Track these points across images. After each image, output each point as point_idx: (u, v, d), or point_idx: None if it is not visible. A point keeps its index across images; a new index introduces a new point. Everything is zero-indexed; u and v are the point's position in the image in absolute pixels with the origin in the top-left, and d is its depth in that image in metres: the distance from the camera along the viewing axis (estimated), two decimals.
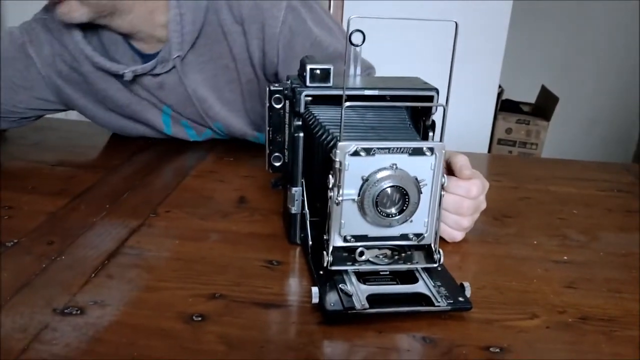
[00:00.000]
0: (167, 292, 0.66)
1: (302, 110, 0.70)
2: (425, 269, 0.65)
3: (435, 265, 0.64)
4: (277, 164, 0.75)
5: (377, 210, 0.60)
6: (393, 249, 0.65)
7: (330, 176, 0.59)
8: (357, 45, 0.70)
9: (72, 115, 2.28)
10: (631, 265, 0.77)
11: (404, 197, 0.59)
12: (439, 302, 0.60)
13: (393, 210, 0.60)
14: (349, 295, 0.59)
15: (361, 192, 0.59)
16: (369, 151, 0.58)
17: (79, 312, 0.61)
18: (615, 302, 0.68)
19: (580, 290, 0.71)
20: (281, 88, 0.71)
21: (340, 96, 0.58)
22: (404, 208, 0.60)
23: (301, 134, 0.71)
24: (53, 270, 0.69)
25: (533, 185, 1.04)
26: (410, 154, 0.59)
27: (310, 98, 0.71)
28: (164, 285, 0.68)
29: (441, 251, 0.64)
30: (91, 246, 0.76)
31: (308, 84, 0.69)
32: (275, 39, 0.97)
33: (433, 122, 0.70)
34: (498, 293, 0.68)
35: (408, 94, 0.71)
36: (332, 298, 0.59)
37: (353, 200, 0.60)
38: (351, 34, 0.71)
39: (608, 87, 2.48)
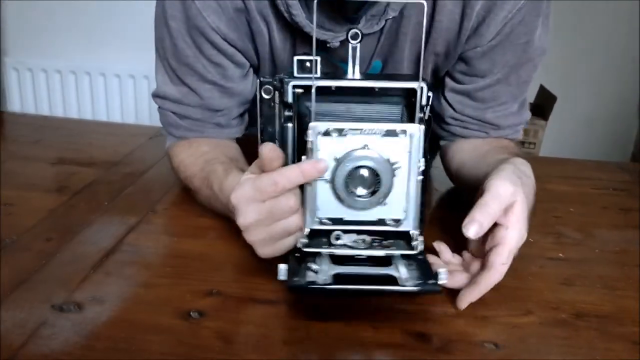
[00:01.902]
0: (164, 289, 0.67)
1: (290, 100, 0.70)
2: (404, 257, 0.61)
3: (414, 252, 0.61)
4: None
5: (348, 192, 0.59)
6: (373, 236, 0.63)
7: (304, 157, 0.59)
8: (354, 44, 0.71)
9: (72, 112, 2.30)
10: (626, 262, 0.78)
11: (375, 179, 0.59)
12: (407, 282, 0.57)
13: (364, 191, 0.59)
14: (315, 273, 0.58)
15: (333, 172, 0.59)
16: (340, 131, 0.58)
17: (77, 308, 0.62)
18: (609, 299, 0.69)
19: (575, 287, 0.71)
20: (270, 79, 0.72)
21: (329, 87, 0.61)
22: (376, 189, 0.59)
23: (290, 125, 0.71)
24: (52, 266, 0.70)
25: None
26: (383, 135, 0.59)
27: (302, 90, 0.71)
28: (161, 281, 0.68)
29: (420, 238, 0.61)
30: (90, 243, 0.76)
31: (295, 74, 0.70)
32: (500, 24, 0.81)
33: (429, 117, 0.70)
34: (493, 290, 0.68)
35: (394, 87, 0.71)
36: (297, 274, 0.58)
37: (326, 181, 0.59)
38: (349, 31, 0.71)
39: (606, 87, 2.48)
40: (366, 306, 0.64)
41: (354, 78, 0.71)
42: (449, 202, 0.97)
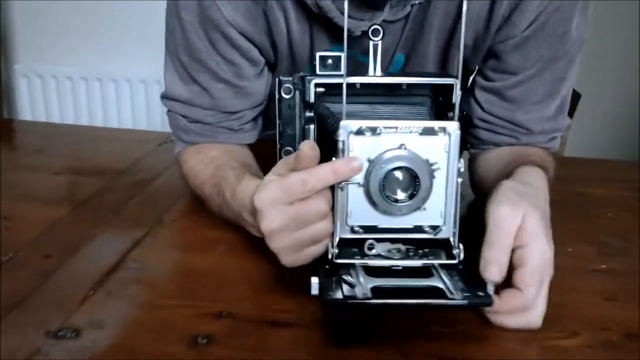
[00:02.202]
0: (170, 311, 0.61)
1: (311, 100, 0.65)
2: (443, 266, 0.57)
3: (454, 261, 0.57)
4: None
5: (385, 196, 0.54)
6: (408, 245, 0.59)
7: (334, 159, 0.55)
8: (375, 41, 0.65)
9: (83, 120, 2.26)
10: None
11: (414, 181, 0.54)
12: (454, 295, 0.53)
13: (402, 195, 0.55)
14: (352, 286, 0.53)
15: (367, 175, 0.54)
16: (374, 130, 0.54)
17: (74, 334, 0.56)
18: None
19: (622, 302, 0.65)
20: (290, 78, 0.67)
21: (353, 85, 0.58)
22: (415, 193, 0.54)
23: (312, 126, 0.66)
24: (48, 287, 0.64)
25: (559, 186, 0.97)
26: (420, 134, 0.54)
27: (322, 89, 0.65)
28: (166, 303, 0.62)
29: (461, 247, 0.57)
30: (91, 259, 0.70)
31: (318, 72, 0.64)
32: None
33: (464, 113, 0.64)
34: None
35: (425, 82, 0.65)
36: (332, 288, 0.53)
37: (359, 184, 0.55)
38: (370, 28, 0.66)
39: (630, 84, 2.40)
40: (393, 329, 0.58)
41: (379, 75, 0.66)
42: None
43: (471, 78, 0.86)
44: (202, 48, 0.78)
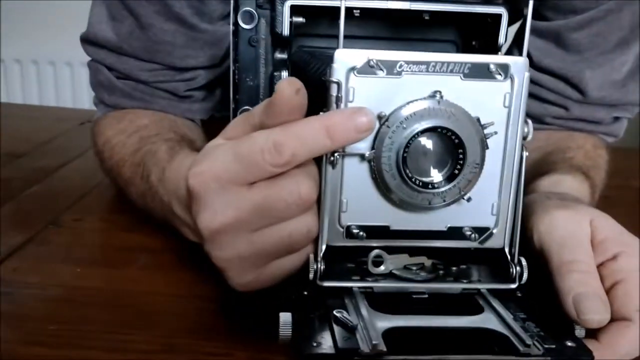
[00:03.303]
0: None
1: (285, 32, 0.42)
2: (495, 294, 0.37)
3: (512, 285, 0.37)
4: None
5: (406, 176, 0.35)
6: (435, 259, 0.40)
7: (322, 113, 0.35)
8: None
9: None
10: None
11: (455, 154, 0.35)
12: (529, 345, 0.32)
13: (435, 176, 0.35)
14: (351, 329, 0.32)
15: (377, 142, 0.34)
16: (392, 67, 0.34)
17: None
18: None
19: None
20: None
21: (350, 13, 0.38)
22: (456, 172, 0.35)
23: (284, 73, 0.43)
24: None
25: (610, 180, 0.75)
26: (465, 76, 0.35)
27: (302, 19, 0.42)
28: (36, 353, 0.37)
29: (524, 262, 0.37)
30: None
31: None
32: None
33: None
34: None
35: (461, 10, 0.43)
36: (317, 332, 0.32)
37: (362, 157, 0.35)
38: None
39: None
40: None
41: None
42: None
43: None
44: None
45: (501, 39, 0.44)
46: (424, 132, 0.34)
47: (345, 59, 0.34)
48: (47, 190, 0.64)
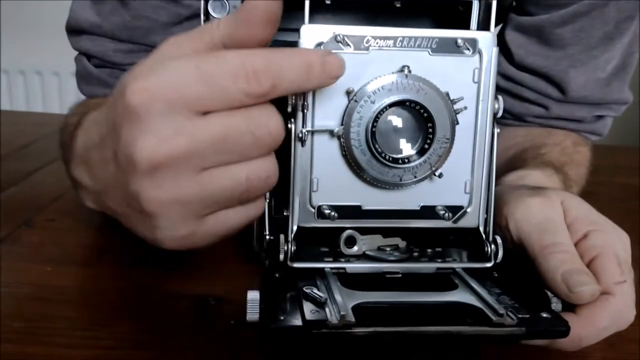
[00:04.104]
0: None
1: None
2: (471, 273, 0.36)
3: (487, 264, 0.37)
4: None
5: (376, 151, 0.34)
6: (410, 239, 0.39)
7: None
8: None
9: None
10: None
11: (425, 128, 0.35)
12: (502, 315, 0.31)
13: (405, 148, 0.35)
14: (320, 304, 0.32)
15: (346, 117, 0.34)
16: (359, 42, 0.34)
17: None
18: None
19: None
20: None
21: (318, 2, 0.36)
22: (425, 147, 0.35)
23: None
24: None
25: (593, 176, 0.75)
26: (433, 51, 0.35)
27: None
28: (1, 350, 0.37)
29: (499, 240, 0.37)
30: None
31: None
32: None
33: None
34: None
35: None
36: (285, 307, 0.32)
37: (331, 133, 0.35)
38: None
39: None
40: None
41: None
42: None
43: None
44: None
45: (472, 27, 0.43)
46: (392, 105, 0.34)
47: (312, 34, 0.34)
48: (23, 193, 0.63)
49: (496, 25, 0.56)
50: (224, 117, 0.29)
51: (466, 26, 0.43)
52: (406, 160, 0.34)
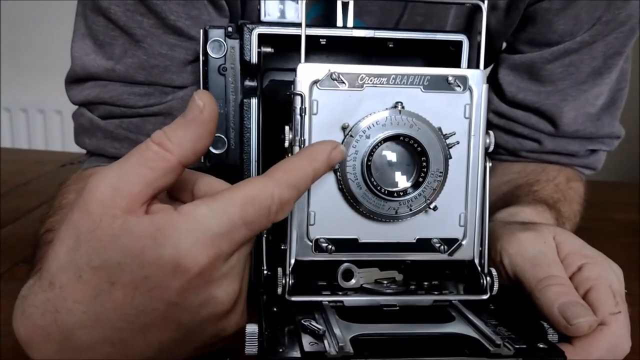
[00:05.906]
0: None
1: (253, 60, 0.42)
2: (467, 305, 0.37)
3: (484, 296, 0.37)
4: (218, 151, 0.45)
5: (371, 184, 0.35)
6: (406, 272, 0.40)
7: (287, 127, 0.36)
8: None
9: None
10: None
11: (419, 162, 0.36)
12: (499, 345, 0.32)
13: (400, 181, 0.36)
14: (318, 336, 0.32)
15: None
16: (353, 80, 0.36)
17: None
18: None
19: None
20: (222, 26, 0.45)
21: (317, 42, 0.40)
22: (420, 180, 0.36)
23: (254, 100, 0.43)
24: None
25: (588, 211, 0.75)
26: (426, 88, 0.36)
27: (270, 49, 0.43)
28: None
29: (494, 272, 0.38)
30: None
31: (264, 18, 0.42)
32: None
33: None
34: None
35: (423, 38, 0.44)
36: (284, 340, 0.32)
37: None
38: None
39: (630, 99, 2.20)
40: None
41: (349, 27, 0.45)
42: None
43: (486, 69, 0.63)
44: None
45: (463, 65, 0.44)
46: (386, 140, 0.35)
47: (308, 72, 0.35)
48: (20, 231, 0.64)
49: (487, 65, 0.57)
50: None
51: (457, 64, 0.45)
52: (402, 193, 0.35)
